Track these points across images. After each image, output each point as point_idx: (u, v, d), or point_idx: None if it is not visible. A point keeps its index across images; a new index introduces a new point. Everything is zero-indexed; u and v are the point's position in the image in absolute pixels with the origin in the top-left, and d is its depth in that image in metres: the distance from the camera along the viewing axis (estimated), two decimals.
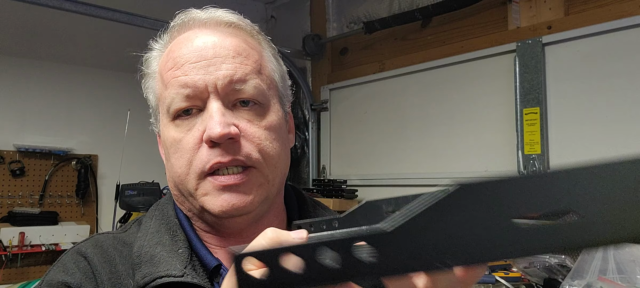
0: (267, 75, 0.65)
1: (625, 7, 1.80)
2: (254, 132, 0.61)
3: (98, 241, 0.66)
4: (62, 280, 0.61)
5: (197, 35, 0.63)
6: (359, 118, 2.78)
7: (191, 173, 0.60)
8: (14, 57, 2.40)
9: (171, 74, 0.62)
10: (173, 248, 0.62)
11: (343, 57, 2.95)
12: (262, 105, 0.62)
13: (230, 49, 0.62)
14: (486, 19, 2.25)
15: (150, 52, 0.71)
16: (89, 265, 0.62)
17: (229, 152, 0.58)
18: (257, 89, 0.61)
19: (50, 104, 2.49)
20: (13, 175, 2.35)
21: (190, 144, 0.60)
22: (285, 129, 0.68)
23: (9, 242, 2.19)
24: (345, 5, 2.97)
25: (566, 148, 1.92)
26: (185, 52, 0.62)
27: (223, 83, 0.60)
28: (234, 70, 0.60)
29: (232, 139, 0.58)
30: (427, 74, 2.45)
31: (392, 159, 2.58)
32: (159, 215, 0.68)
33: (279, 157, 0.63)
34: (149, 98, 0.70)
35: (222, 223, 0.63)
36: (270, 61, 0.67)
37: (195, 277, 0.59)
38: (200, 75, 0.60)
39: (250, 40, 0.66)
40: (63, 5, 2.03)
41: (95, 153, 2.60)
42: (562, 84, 1.96)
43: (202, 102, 0.60)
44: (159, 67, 0.67)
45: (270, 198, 0.64)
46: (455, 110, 2.32)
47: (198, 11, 0.66)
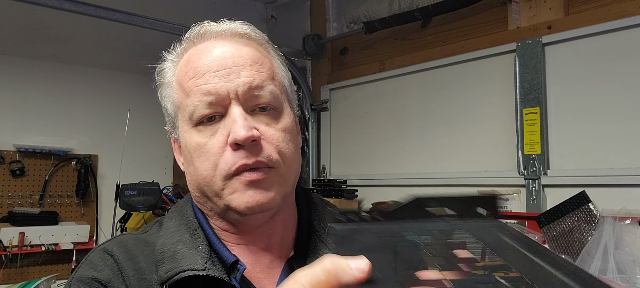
0: (279, 81, 0.70)
1: (625, 7, 1.80)
2: (272, 134, 0.65)
3: (121, 241, 0.70)
4: (92, 276, 0.65)
5: (215, 45, 0.68)
6: (359, 118, 2.78)
7: (217, 175, 0.64)
8: (14, 57, 2.40)
9: (193, 83, 0.66)
10: (193, 245, 0.66)
11: (343, 57, 2.95)
12: (277, 110, 0.67)
13: (247, 58, 0.66)
14: (486, 19, 2.25)
15: (164, 63, 0.75)
16: (115, 262, 0.66)
17: (252, 153, 0.63)
18: (272, 94, 0.66)
19: (50, 104, 2.49)
20: (13, 175, 2.35)
21: (215, 148, 0.64)
22: (296, 131, 0.72)
23: (9, 242, 2.19)
24: (345, 5, 2.97)
25: (566, 149, 1.92)
26: (206, 61, 0.66)
27: (243, 89, 0.64)
28: (252, 77, 0.65)
29: (255, 141, 0.63)
30: (427, 74, 2.45)
31: (392, 159, 2.58)
32: (178, 216, 0.72)
33: (293, 157, 0.68)
34: (166, 106, 0.74)
35: (244, 220, 0.67)
36: (279, 68, 0.72)
37: (216, 271, 0.63)
38: (222, 83, 0.64)
39: (261, 49, 0.71)
40: (63, 5, 2.03)
41: (95, 153, 2.60)
42: (562, 84, 1.95)
43: (224, 109, 0.64)
44: (175, 77, 0.71)
45: (285, 196, 0.68)
46: (455, 110, 2.31)
47: (213, 23, 0.71)
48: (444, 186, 2.29)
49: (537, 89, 1.98)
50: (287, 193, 0.68)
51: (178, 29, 2.46)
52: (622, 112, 1.79)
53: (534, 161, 1.97)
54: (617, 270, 1.42)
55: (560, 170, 1.92)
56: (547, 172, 1.94)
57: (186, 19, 2.68)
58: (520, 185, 2.01)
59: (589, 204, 1.74)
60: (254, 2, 3.32)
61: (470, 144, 2.24)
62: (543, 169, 1.94)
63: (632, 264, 1.42)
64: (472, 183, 2.18)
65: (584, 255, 1.51)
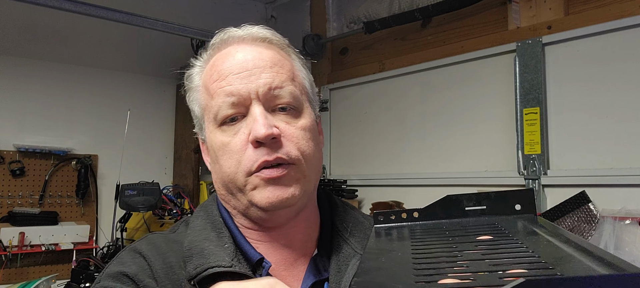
0: (299, 82, 0.73)
1: (625, 7, 1.80)
2: (292, 132, 0.68)
3: (151, 239, 0.74)
4: (120, 271, 0.68)
5: (237, 50, 0.71)
6: (359, 118, 2.78)
7: (240, 172, 0.67)
8: (14, 57, 2.40)
9: (217, 85, 0.69)
10: (219, 243, 0.69)
11: (343, 57, 2.95)
12: (296, 109, 0.70)
13: (267, 61, 0.70)
14: (486, 19, 2.25)
15: (192, 69, 0.78)
16: (144, 259, 0.69)
17: (272, 150, 0.66)
18: (292, 94, 0.69)
19: (50, 104, 2.49)
20: (13, 175, 2.35)
21: (238, 146, 0.67)
22: (317, 131, 0.75)
23: (9, 242, 2.19)
24: (345, 5, 2.97)
25: (566, 148, 1.92)
26: (229, 65, 0.70)
27: (263, 90, 0.67)
28: (272, 78, 0.68)
29: (275, 138, 0.66)
30: (427, 74, 2.45)
31: (392, 159, 2.58)
32: (203, 215, 0.76)
33: (314, 155, 0.70)
34: (193, 109, 0.77)
35: (267, 217, 0.70)
36: (300, 70, 0.76)
37: (242, 268, 0.66)
38: (243, 84, 0.67)
39: (282, 52, 0.74)
40: (63, 5, 2.03)
41: (95, 153, 2.60)
42: (562, 84, 1.95)
43: (246, 109, 0.68)
44: (202, 81, 0.75)
45: (307, 193, 0.70)
46: (455, 110, 2.31)
47: (235, 29, 0.75)
48: (444, 186, 2.29)
49: (537, 89, 1.98)
50: (309, 190, 0.71)
51: (178, 29, 2.46)
52: (622, 112, 1.79)
53: (534, 161, 1.96)
54: None
55: (560, 170, 1.92)
56: (547, 172, 1.94)
57: (186, 19, 2.69)
58: (520, 185, 2.01)
59: (589, 204, 1.74)
60: (254, 2, 3.32)
61: (470, 144, 2.24)
62: (543, 169, 1.94)
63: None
64: (472, 184, 2.18)
65: None
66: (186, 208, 2.59)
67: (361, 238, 0.74)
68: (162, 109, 2.87)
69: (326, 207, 0.79)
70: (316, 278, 0.71)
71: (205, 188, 2.70)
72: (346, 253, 0.72)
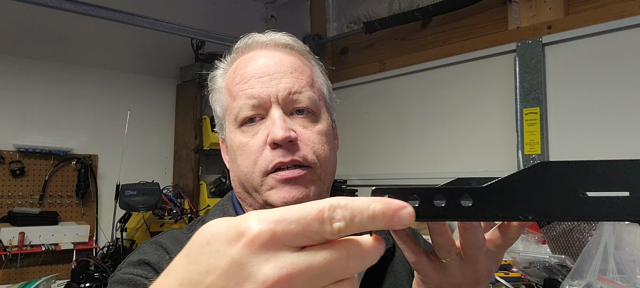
0: (318, 88, 0.77)
1: (625, 7, 1.80)
2: (309, 136, 0.71)
3: (172, 233, 0.78)
4: (141, 259, 0.71)
5: (260, 55, 0.75)
6: (359, 118, 2.78)
7: (256, 171, 0.70)
8: (14, 57, 2.40)
9: (239, 88, 0.73)
10: None
11: (343, 57, 2.95)
12: (314, 114, 0.73)
13: (288, 66, 0.73)
14: (486, 19, 2.25)
15: (216, 71, 0.82)
16: (165, 251, 0.73)
17: (289, 152, 0.68)
18: (310, 99, 0.72)
19: (50, 104, 2.49)
20: (13, 175, 2.35)
21: (256, 146, 0.70)
22: (333, 135, 0.79)
23: (9, 242, 2.19)
24: (345, 5, 2.97)
25: (566, 148, 1.92)
26: (251, 69, 0.73)
27: (283, 94, 0.70)
28: (291, 83, 0.71)
29: (292, 141, 0.69)
30: (427, 74, 2.45)
31: (392, 159, 2.58)
32: (219, 214, 0.79)
33: (329, 158, 0.74)
34: (216, 110, 0.80)
35: None
36: (319, 77, 0.79)
37: None
38: (264, 88, 0.71)
39: (303, 58, 0.78)
40: (63, 5, 2.03)
41: (95, 153, 2.60)
42: (562, 84, 1.95)
43: (265, 111, 0.71)
44: (225, 83, 0.78)
45: (321, 195, 0.73)
46: (455, 110, 2.31)
47: (259, 35, 0.78)
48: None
49: (537, 89, 1.98)
50: (322, 192, 0.73)
51: (178, 29, 2.47)
52: (622, 112, 1.79)
53: (534, 161, 1.96)
54: (617, 270, 1.42)
55: None
56: None
57: (186, 19, 2.69)
58: None
59: None
60: (254, 2, 3.32)
61: (470, 144, 2.24)
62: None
63: (632, 264, 1.42)
64: None
65: (584, 255, 1.50)
66: (186, 208, 2.59)
67: None
68: (162, 109, 2.87)
69: None
70: None
71: (205, 188, 2.70)
72: None
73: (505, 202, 0.37)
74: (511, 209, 0.37)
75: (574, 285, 1.44)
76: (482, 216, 0.37)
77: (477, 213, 0.37)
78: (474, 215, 0.37)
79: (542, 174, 0.36)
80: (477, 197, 0.37)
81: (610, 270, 1.43)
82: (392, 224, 0.29)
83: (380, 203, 0.29)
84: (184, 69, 2.85)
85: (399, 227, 0.30)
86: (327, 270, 0.28)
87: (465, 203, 0.37)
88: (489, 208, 0.37)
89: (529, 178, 0.36)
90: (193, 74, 2.74)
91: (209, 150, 2.73)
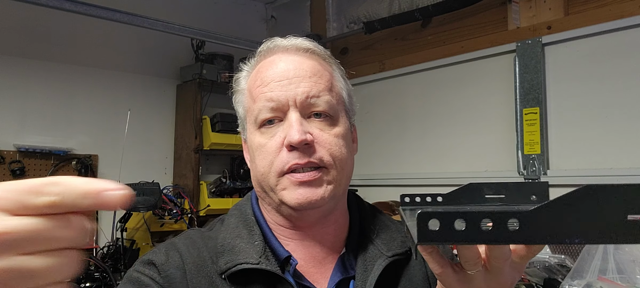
0: (337, 93, 0.78)
1: (625, 7, 1.80)
2: (326, 138, 0.73)
3: (188, 234, 0.81)
4: (149, 259, 0.74)
5: (281, 59, 0.77)
6: (359, 118, 2.78)
7: (272, 172, 0.72)
8: (14, 57, 2.40)
9: (259, 91, 0.75)
10: (250, 240, 0.75)
11: (343, 57, 2.95)
12: (332, 117, 0.75)
13: (307, 71, 0.75)
14: (486, 19, 2.25)
15: (240, 73, 0.84)
16: (177, 252, 0.75)
17: (305, 154, 0.71)
18: (328, 103, 0.74)
19: (50, 104, 2.49)
20: (13, 175, 2.35)
21: (273, 148, 0.72)
22: (351, 138, 0.81)
23: None
24: (345, 5, 2.97)
25: (566, 149, 1.92)
26: (271, 73, 0.75)
27: (301, 98, 0.73)
28: (310, 88, 0.73)
29: (308, 144, 0.71)
30: (427, 74, 2.45)
31: (392, 159, 2.58)
32: (237, 214, 0.81)
33: (345, 161, 0.75)
34: (238, 110, 0.83)
35: (298, 216, 0.74)
36: (339, 81, 0.81)
37: (269, 265, 0.71)
38: (283, 92, 0.73)
39: (323, 63, 0.80)
40: (63, 5, 2.03)
41: (95, 153, 2.60)
42: (562, 84, 1.96)
43: (283, 114, 0.73)
44: (247, 85, 0.80)
45: (337, 196, 0.75)
46: (455, 110, 2.32)
47: (281, 39, 0.80)
48: (444, 186, 2.28)
49: (537, 89, 1.98)
50: (338, 194, 0.74)
51: (178, 29, 2.47)
52: (622, 112, 1.79)
53: (534, 161, 1.97)
54: (617, 270, 1.42)
55: (560, 170, 1.92)
56: (547, 171, 1.94)
57: (186, 19, 2.69)
58: None
59: None
60: (254, 2, 3.32)
61: (470, 144, 2.24)
62: (543, 169, 1.94)
63: (632, 264, 1.42)
64: None
65: (584, 255, 1.51)
66: (186, 208, 2.59)
67: (387, 240, 0.78)
68: (162, 109, 2.87)
69: (355, 210, 0.84)
70: (343, 275, 0.75)
71: (206, 188, 2.70)
72: (372, 254, 0.76)
73: (552, 226, 0.36)
74: (558, 233, 0.36)
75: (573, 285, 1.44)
76: (529, 240, 0.37)
77: (524, 237, 0.37)
78: (521, 239, 0.37)
79: (588, 198, 0.36)
80: (524, 221, 0.36)
81: (610, 270, 1.43)
82: (102, 204, 0.33)
83: (91, 184, 0.33)
84: (184, 69, 2.85)
85: (111, 207, 0.34)
86: (36, 236, 0.31)
87: (512, 226, 0.37)
88: (536, 232, 0.37)
89: (576, 201, 0.36)
90: (193, 74, 2.74)
91: (209, 150, 2.73)
